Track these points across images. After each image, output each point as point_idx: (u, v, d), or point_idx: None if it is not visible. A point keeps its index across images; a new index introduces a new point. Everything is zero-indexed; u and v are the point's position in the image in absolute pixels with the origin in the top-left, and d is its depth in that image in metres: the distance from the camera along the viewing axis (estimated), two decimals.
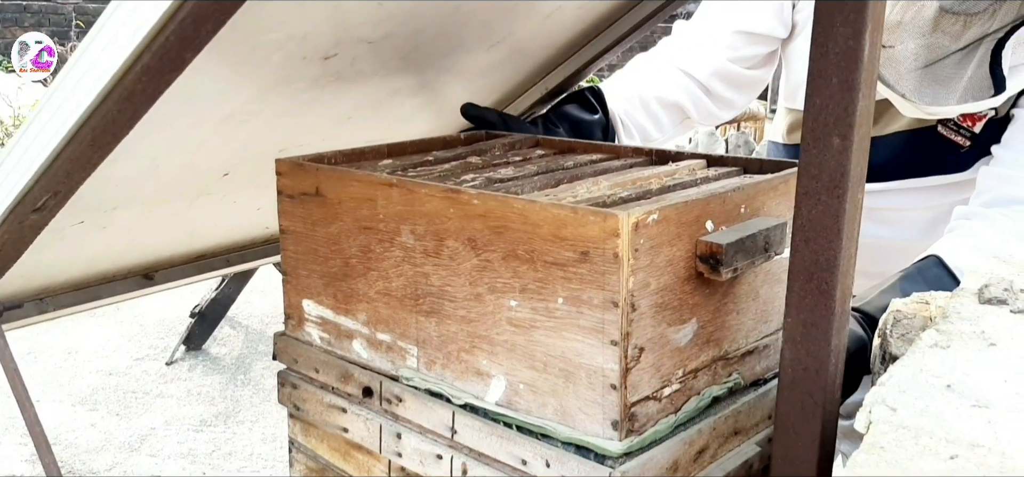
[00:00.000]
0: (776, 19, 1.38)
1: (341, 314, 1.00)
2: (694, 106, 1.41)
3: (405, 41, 1.06)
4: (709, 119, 1.47)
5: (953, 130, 1.25)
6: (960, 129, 1.24)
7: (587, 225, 0.76)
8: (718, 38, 1.40)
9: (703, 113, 1.43)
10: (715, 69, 1.40)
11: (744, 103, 1.48)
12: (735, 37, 1.40)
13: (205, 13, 0.68)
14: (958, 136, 1.25)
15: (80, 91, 0.77)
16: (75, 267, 1.29)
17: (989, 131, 1.22)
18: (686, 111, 1.41)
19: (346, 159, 1.08)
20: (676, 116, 1.41)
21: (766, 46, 1.41)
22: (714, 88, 1.41)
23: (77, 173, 0.85)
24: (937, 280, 1.06)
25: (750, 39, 1.40)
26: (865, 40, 0.70)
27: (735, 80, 1.42)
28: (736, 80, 1.42)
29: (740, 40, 1.40)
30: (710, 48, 1.40)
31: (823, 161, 0.73)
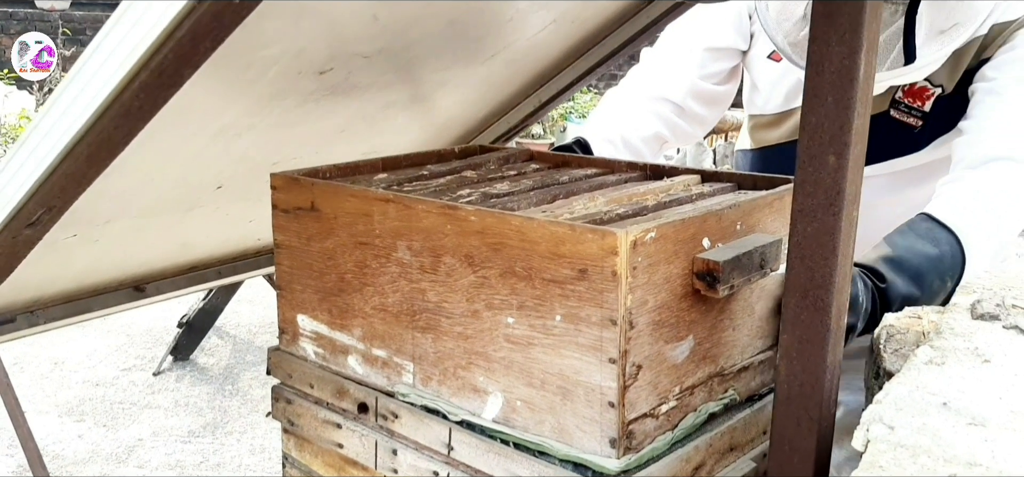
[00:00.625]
0: (735, 32, 1.44)
1: (336, 329, 1.00)
2: (671, 131, 1.47)
3: (399, 55, 1.06)
4: (685, 139, 1.53)
5: (904, 112, 1.27)
6: (911, 110, 1.26)
7: (585, 243, 0.77)
8: (688, 58, 1.45)
9: (680, 134, 1.49)
10: (689, 88, 1.46)
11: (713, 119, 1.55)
12: (703, 54, 1.45)
13: (203, 31, 0.67)
14: (910, 117, 1.27)
15: (76, 108, 0.77)
16: (66, 279, 1.28)
17: (938, 108, 1.25)
18: (664, 138, 1.47)
19: (341, 173, 1.08)
20: (656, 145, 1.47)
21: (730, 60, 1.47)
22: (689, 107, 1.47)
23: (72, 188, 0.84)
24: (928, 232, 1.08)
25: (716, 55, 1.46)
26: (860, 59, 0.71)
27: (707, 97, 1.48)
28: (708, 97, 1.48)
29: (708, 57, 1.46)
30: (682, 69, 1.46)
31: (819, 179, 0.74)
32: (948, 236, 1.08)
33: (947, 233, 1.08)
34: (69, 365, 3.86)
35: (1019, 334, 0.84)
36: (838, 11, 0.70)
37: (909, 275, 1.03)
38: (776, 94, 1.42)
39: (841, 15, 0.70)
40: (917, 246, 1.06)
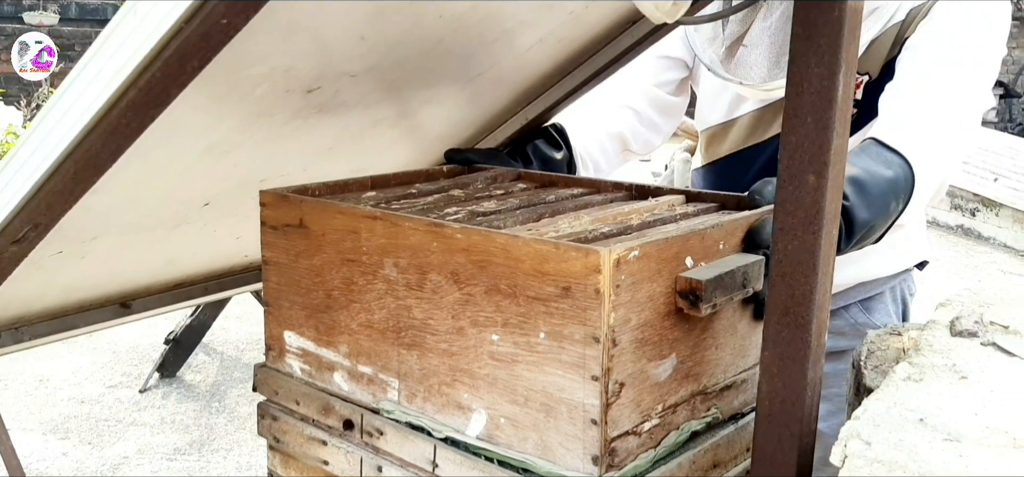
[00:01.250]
0: (682, 44, 1.50)
1: (323, 346, 1.00)
2: (632, 135, 1.54)
3: (387, 73, 1.07)
4: (644, 147, 1.59)
5: None
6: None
7: (569, 261, 0.77)
8: (644, 65, 1.51)
9: (640, 141, 1.56)
10: (645, 94, 1.54)
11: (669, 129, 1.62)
12: (657, 62, 1.52)
13: (191, 51, 0.68)
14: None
15: (64, 125, 0.77)
16: (51, 296, 1.28)
17: (869, 94, 1.28)
18: (627, 142, 1.53)
19: (330, 191, 1.08)
20: (618, 146, 1.53)
21: (679, 71, 1.55)
22: (646, 113, 1.54)
23: (58, 205, 0.85)
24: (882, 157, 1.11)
25: (667, 63, 1.54)
26: (839, 80, 0.72)
27: (661, 105, 1.56)
28: (661, 105, 1.56)
29: (660, 64, 1.54)
30: (638, 75, 1.52)
31: (799, 198, 0.75)
32: (899, 159, 1.12)
33: (898, 157, 1.12)
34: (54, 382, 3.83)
35: (997, 351, 0.85)
36: (817, 33, 0.71)
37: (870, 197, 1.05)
38: (719, 105, 1.48)
39: (820, 37, 0.72)
40: (874, 167, 1.09)
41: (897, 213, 1.11)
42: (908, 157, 1.12)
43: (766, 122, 1.42)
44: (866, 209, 1.04)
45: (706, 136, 1.53)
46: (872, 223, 1.06)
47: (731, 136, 1.47)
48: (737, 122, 1.46)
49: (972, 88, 1.24)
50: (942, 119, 1.20)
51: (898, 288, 1.52)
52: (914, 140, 1.14)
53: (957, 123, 1.22)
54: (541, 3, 1.04)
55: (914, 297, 1.56)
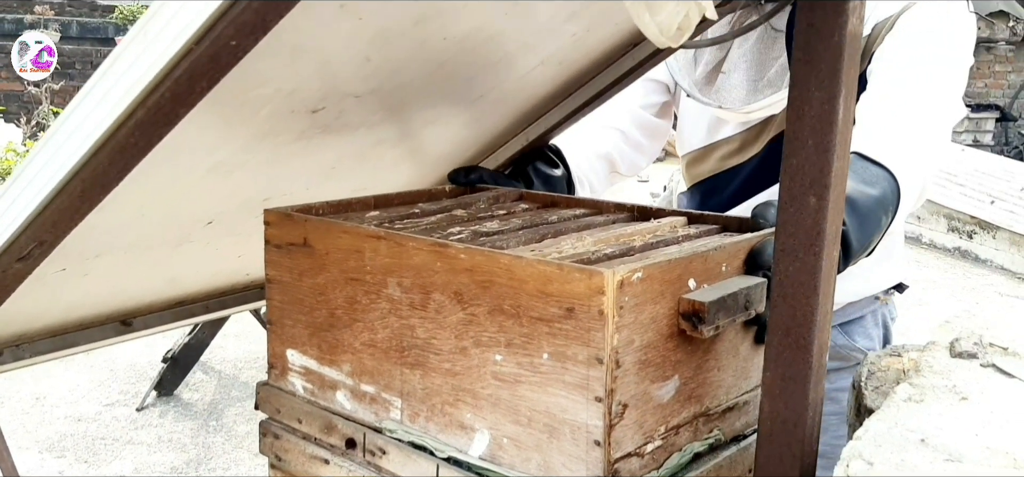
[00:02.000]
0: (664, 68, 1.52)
1: (325, 365, 1.00)
2: (619, 156, 1.57)
3: (390, 95, 1.08)
4: (631, 167, 1.63)
5: None
6: None
7: (573, 282, 0.78)
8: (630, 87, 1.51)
9: (626, 162, 1.59)
10: (631, 115, 1.58)
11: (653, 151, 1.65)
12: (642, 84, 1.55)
13: (199, 72, 0.69)
14: None
15: (72, 143, 0.78)
16: (53, 313, 1.28)
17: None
18: (615, 163, 1.57)
19: (333, 210, 1.09)
20: (607, 167, 1.57)
21: (662, 94, 1.59)
22: (631, 134, 1.58)
23: (64, 223, 0.85)
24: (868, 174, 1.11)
25: (651, 86, 1.58)
26: (839, 104, 0.73)
27: (646, 126, 1.60)
28: (646, 126, 1.60)
29: (645, 87, 1.57)
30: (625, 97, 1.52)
31: (800, 220, 0.76)
32: (884, 173, 1.12)
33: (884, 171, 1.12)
34: (51, 400, 3.82)
35: (996, 372, 0.85)
36: (817, 58, 0.72)
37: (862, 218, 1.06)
38: (699, 129, 1.52)
39: (821, 62, 0.72)
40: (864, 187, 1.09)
41: (887, 226, 1.12)
42: (891, 169, 1.13)
43: (748, 143, 1.45)
44: (860, 229, 1.05)
45: (688, 159, 1.58)
46: (867, 242, 1.07)
47: (713, 158, 1.51)
48: (718, 145, 1.50)
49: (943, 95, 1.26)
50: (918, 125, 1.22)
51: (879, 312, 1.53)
52: (894, 150, 1.15)
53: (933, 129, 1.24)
54: (543, 27, 1.06)
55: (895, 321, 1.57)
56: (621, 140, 1.59)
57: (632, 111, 1.60)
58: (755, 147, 1.46)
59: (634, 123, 1.59)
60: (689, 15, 0.52)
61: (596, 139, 1.57)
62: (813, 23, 0.72)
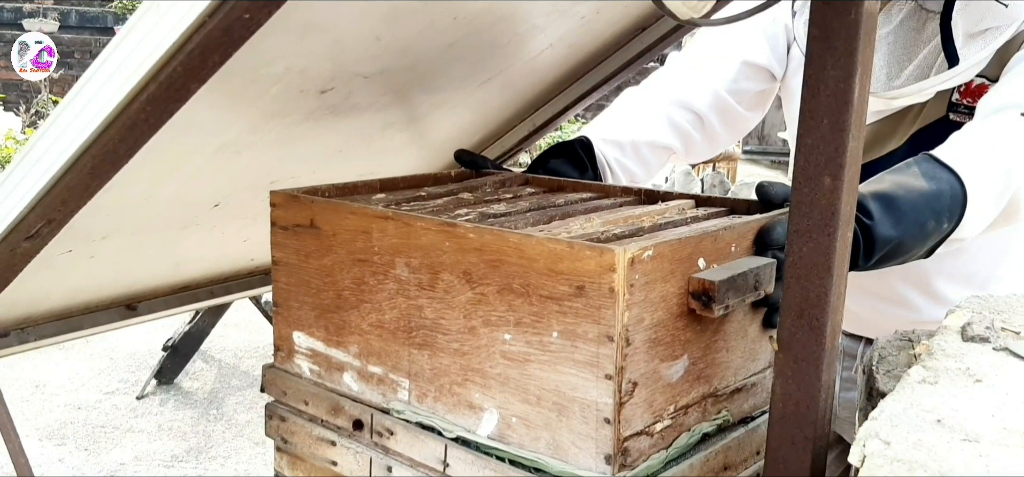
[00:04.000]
0: (772, 53, 1.37)
1: (332, 346, 1.00)
2: (683, 142, 1.39)
3: (398, 76, 1.08)
4: (695, 155, 1.45)
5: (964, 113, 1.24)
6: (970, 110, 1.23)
7: (583, 260, 0.78)
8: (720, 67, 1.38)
9: (692, 149, 1.41)
10: (713, 100, 1.38)
11: (728, 142, 1.47)
12: (739, 67, 1.38)
13: (213, 45, 0.68)
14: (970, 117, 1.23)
15: (82, 119, 0.77)
16: (58, 296, 1.27)
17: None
18: (673, 150, 1.39)
19: (340, 193, 1.09)
20: (663, 156, 1.39)
21: (762, 82, 1.39)
22: (709, 120, 1.39)
23: (74, 201, 0.85)
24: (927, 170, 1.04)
25: (751, 71, 1.38)
26: (855, 83, 0.73)
27: (729, 114, 1.40)
28: (730, 115, 1.41)
29: (742, 71, 1.38)
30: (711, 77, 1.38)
31: (814, 200, 0.75)
32: (948, 175, 1.03)
33: (948, 172, 1.04)
34: (50, 388, 3.82)
35: (1010, 356, 0.85)
36: (833, 35, 0.72)
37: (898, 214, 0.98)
38: None
39: (836, 39, 0.72)
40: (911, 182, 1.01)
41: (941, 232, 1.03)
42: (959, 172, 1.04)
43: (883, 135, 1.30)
44: (892, 226, 0.97)
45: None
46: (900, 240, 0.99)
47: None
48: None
49: None
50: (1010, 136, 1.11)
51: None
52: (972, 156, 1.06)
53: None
54: (553, 8, 1.05)
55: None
56: (691, 124, 1.39)
57: (718, 94, 1.38)
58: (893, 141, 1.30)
59: (716, 108, 1.39)
60: None
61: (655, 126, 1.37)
62: (829, 1, 0.72)
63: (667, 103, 1.37)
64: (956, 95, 1.24)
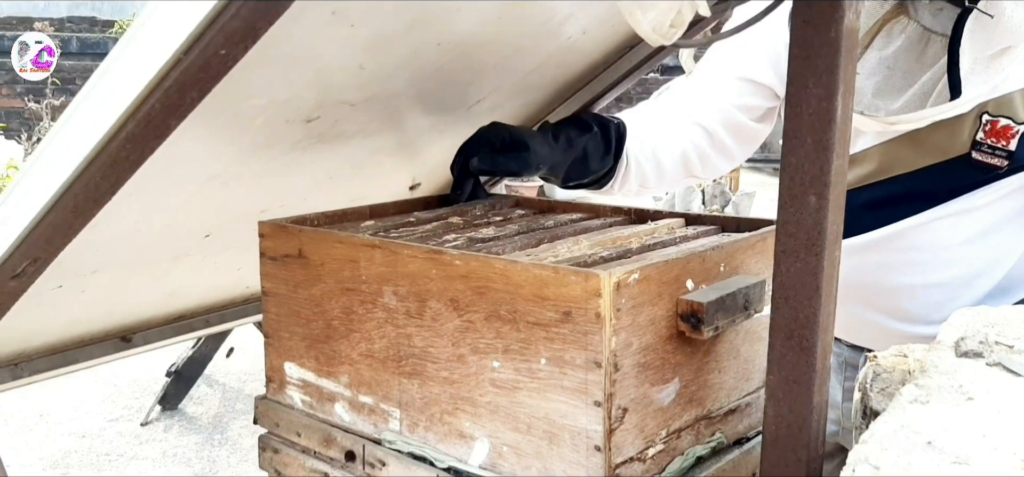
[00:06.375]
0: (772, 70, 1.36)
1: (323, 376, 0.99)
2: (699, 158, 1.39)
3: (386, 102, 1.07)
4: (712, 171, 1.44)
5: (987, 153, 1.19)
6: (994, 150, 1.19)
7: (569, 285, 0.77)
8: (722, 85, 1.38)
9: (707, 164, 1.41)
10: (721, 117, 1.38)
11: (742, 156, 1.45)
12: (739, 84, 1.37)
13: (190, 81, 0.68)
14: (994, 157, 1.19)
15: (63, 158, 0.77)
16: (51, 331, 1.27)
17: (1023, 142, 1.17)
18: (691, 165, 1.39)
19: (328, 220, 1.08)
20: (680, 169, 1.39)
21: (766, 99, 1.38)
22: (719, 137, 1.38)
23: (58, 239, 0.84)
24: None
25: (751, 87, 1.37)
26: (837, 101, 0.72)
27: (739, 130, 1.40)
28: (741, 130, 1.40)
29: (744, 87, 1.37)
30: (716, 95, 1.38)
31: (800, 220, 0.75)
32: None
33: None
34: (55, 417, 3.82)
35: (1003, 371, 0.84)
36: (814, 54, 0.72)
37: None
38: None
39: (817, 58, 0.72)
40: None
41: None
42: None
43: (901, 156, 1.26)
44: None
45: None
46: None
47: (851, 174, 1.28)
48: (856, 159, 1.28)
49: None
50: None
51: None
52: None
53: None
54: (539, 31, 1.05)
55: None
56: (705, 141, 1.39)
57: (724, 110, 1.38)
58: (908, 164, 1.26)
59: (724, 124, 1.38)
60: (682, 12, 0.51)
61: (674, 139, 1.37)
62: (809, 19, 0.72)
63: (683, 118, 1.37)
64: (980, 133, 1.19)
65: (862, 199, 1.24)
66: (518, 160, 1.15)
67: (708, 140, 1.38)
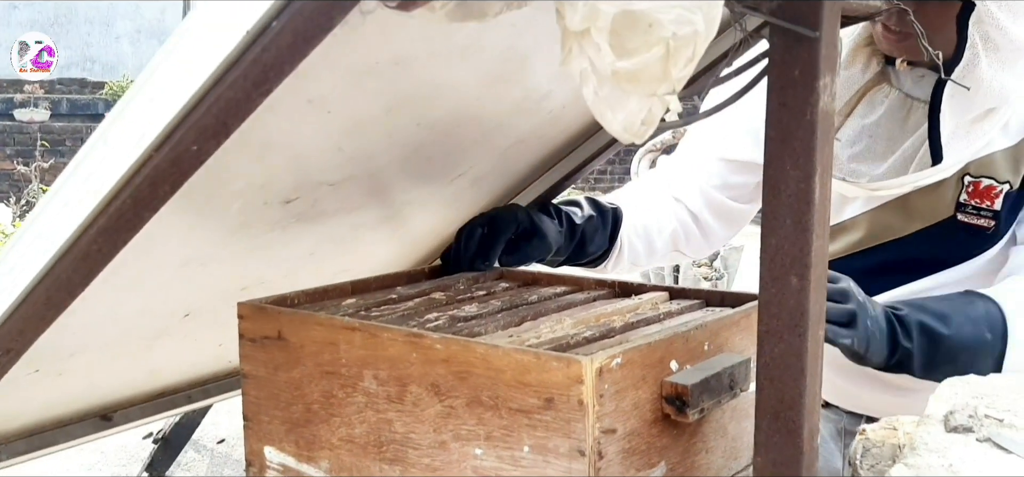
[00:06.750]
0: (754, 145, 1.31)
1: (303, 462, 0.97)
2: (685, 236, 1.39)
3: (366, 180, 1.07)
4: (697, 250, 1.44)
5: (973, 214, 1.20)
6: (979, 211, 1.19)
7: (550, 371, 0.76)
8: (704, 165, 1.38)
9: (693, 243, 1.41)
10: (703, 198, 1.38)
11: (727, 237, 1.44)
12: (719, 165, 1.37)
13: (161, 177, 0.67)
14: (980, 219, 1.19)
15: (35, 249, 0.76)
16: (29, 413, 1.25)
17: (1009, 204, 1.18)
18: (679, 244, 1.39)
19: (309, 298, 1.07)
20: (669, 247, 1.39)
21: (752, 175, 1.36)
22: (703, 218, 1.38)
23: (31, 330, 0.83)
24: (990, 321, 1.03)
25: (734, 167, 1.37)
26: (815, 183, 0.72)
27: (722, 211, 1.39)
28: (723, 211, 1.39)
29: (724, 168, 1.37)
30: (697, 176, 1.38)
31: (783, 301, 0.74)
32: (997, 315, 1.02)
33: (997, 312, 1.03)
34: None
35: (992, 447, 0.83)
36: (791, 136, 0.72)
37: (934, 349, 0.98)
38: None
39: (794, 140, 0.72)
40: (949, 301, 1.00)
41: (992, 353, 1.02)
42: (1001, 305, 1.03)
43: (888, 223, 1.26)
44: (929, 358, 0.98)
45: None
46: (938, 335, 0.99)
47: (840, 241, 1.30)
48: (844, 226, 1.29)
49: None
50: None
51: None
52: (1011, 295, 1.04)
53: None
54: (518, 107, 1.05)
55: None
56: (690, 220, 1.39)
57: (705, 192, 1.38)
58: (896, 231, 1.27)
59: (707, 206, 1.38)
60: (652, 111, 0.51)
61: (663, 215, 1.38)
62: (785, 102, 0.72)
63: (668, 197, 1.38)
64: (963, 195, 1.19)
65: (854, 267, 1.23)
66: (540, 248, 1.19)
67: (694, 221, 1.38)
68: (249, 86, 0.60)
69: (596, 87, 0.50)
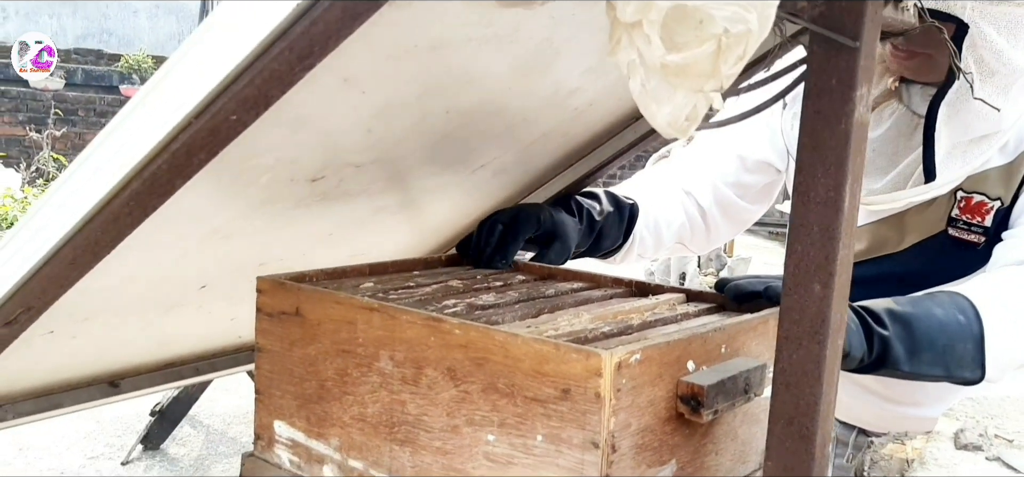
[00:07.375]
0: (771, 147, 1.36)
1: (313, 438, 0.98)
2: (691, 231, 1.39)
3: (391, 164, 1.07)
4: (701, 245, 1.45)
5: (964, 229, 1.21)
6: (970, 227, 1.21)
7: (569, 362, 0.76)
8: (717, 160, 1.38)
9: (697, 238, 1.42)
10: (713, 194, 1.39)
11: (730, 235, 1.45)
12: (735, 161, 1.37)
13: (198, 145, 0.68)
14: (971, 234, 1.21)
15: (65, 211, 0.77)
16: (38, 374, 1.25)
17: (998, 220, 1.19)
18: (684, 238, 1.40)
19: (327, 277, 1.08)
20: (675, 241, 1.40)
21: (765, 175, 1.38)
22: (711, 213, 1.39)
23: (53, 290, 0.84)
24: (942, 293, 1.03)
25: (750, 165, 1.37)
26: (846, 192, 0.73)
27: (729, 208, 1.40)
28: (730, 208, 1.40)
29: (739, 165, 1.38)
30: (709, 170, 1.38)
31: (805, 307, 0.75)
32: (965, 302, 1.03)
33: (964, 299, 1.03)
34: (34, 451, 3.75)
35: (1002, 466, 0.83)
36: (823, 145, 0.72)
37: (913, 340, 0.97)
38: None
39: (827, 148, 0.72)
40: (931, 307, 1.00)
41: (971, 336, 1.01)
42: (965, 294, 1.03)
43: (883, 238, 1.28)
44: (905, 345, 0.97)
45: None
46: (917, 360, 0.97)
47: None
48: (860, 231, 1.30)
49: None
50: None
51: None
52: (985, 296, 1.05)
53: None
54: (547, 102, 1.05)
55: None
56: (698, 213, 1.40)
57: (717, 187, 1.39)
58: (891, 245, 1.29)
59: (716, 201, 1.40)
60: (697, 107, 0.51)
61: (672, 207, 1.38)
62: (820, 110, 0.72)
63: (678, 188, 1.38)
64: (955, 210, 1.21)
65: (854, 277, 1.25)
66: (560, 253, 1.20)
67: (701, 216, 1.40)
68: (294, 59, 0.61)
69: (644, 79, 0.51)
